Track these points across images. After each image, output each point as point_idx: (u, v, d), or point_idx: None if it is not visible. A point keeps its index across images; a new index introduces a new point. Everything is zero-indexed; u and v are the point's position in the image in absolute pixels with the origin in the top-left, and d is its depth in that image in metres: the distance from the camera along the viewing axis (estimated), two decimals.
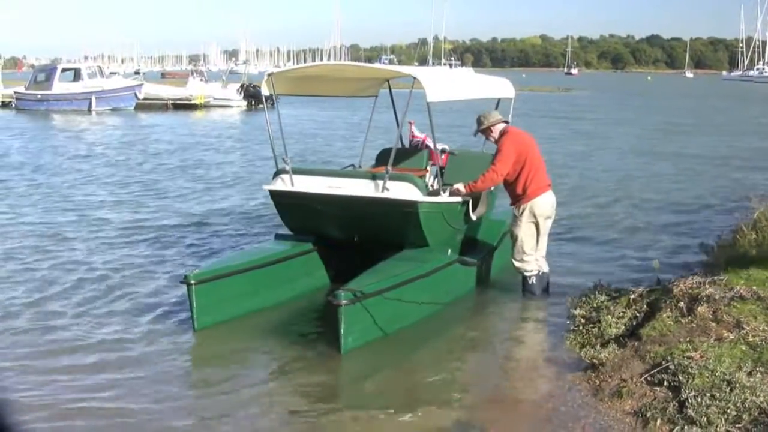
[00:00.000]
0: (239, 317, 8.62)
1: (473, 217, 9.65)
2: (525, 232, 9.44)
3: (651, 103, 62.51)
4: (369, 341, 7.81)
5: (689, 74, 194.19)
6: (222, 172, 21.33)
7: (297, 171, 9.26)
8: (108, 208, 15.46)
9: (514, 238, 9.56)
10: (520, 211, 9.42)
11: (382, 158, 10.76)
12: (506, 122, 9.69)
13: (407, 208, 8.68)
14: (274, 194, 9.42)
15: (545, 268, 9.74)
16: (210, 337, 8.30)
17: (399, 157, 10.10)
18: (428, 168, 10.63)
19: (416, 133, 11.42)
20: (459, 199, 9.33)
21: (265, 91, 9.73)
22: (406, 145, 11.38)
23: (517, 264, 9.58)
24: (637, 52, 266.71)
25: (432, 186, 9.63)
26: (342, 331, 7.49)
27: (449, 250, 9.26)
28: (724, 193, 17.91)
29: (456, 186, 9.31)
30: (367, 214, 8.88)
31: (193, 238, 12.81)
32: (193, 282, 8.12)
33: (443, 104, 9.41)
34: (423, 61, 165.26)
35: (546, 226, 9.59)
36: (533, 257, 9.54)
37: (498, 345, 8.39)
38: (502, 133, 9.48)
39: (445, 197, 9.20)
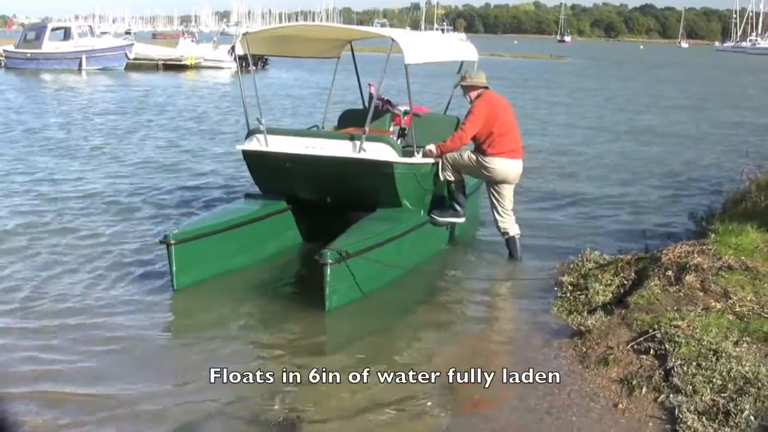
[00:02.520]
0: (217, 276, 8.65)
1: (441, 178, 9.73)
2: (464, 163, 9.62)
3: (645, 74, 62.34)
4: (352, 299, 7.92)
5: (684, 44, 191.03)
6: (208, 132, 21.26)
7: (271, 131, 9.30)
8: (90, 167, 15.45)
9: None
10: (476, 157, 9.55)
11: (344, 119, 11.10)
12: (486, 88, 9.70)
13: (383, 168, 8.84)
14: (247, 155, 9.48)
15: (516, 231, 9.88)
16: (190, 297, 8.31)
17: (362, 118, 10.24)
18: (391, 129, 10.75)
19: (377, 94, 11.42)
20: (431, 160, 9.47)
21: (239, 50, 9.74)
22: (368, 107, 11.30)
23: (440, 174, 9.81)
24: (630, 21, 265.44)
25: None
26: (327, 290, 7.59)
27: (422, 211, 9.39)
28: (715, 164, 17.94)
29: (428, 147, 9.42)
30: (343, 174, 8.98)
31: (171, 199, 12.82)
32: (173, 242, 8.13)
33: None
34: (415, 26, 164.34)
35: (505, 189, 9.74)
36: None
37: (483, 310, 8.38)
38: (478, 96, 9.55)
39: (418, 158, 9.31)
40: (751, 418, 5.35)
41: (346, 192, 9.25)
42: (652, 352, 6.44)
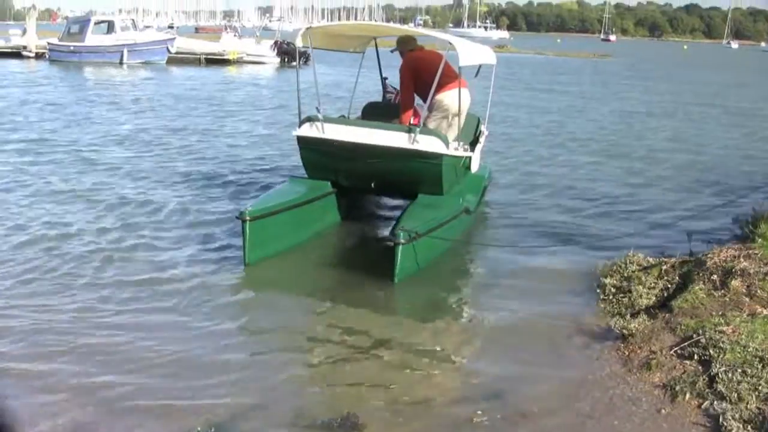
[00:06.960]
0: (279, 253, 9.28)
1: (473, 170, 10.96)
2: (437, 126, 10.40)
3: (692, 76, 61.65)
4: (410, 275, 8.58)
5: (734, 45, 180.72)
6: (251, 124, 21.60)
7: (327, 120, 9.99)
8: (148, 155, 15.73)
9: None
10: (427, 108, 10.21)
11: (368, 111, 12.00)
12: (412, 50, 10.67)
13: (434, 159, 9.60)
14: (303, 140, 10.07)
15: None
16: (261, 271, 8.88)
17: (386, 112, 11.31)
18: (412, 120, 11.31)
19: (390, 87, 12.61)
20: (471, 153, 10.53)
21: (299, 42, 10.53)
22: (385, 102, 12.59)
23: None
24: (675, 20, 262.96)
25: None
26: (397, 265, 8.35)
27: (461, 199, 10.22)
28: (762, 167, 17.66)
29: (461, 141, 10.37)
30: (395, 163, 9.67)
31: (217, 184, 13.34)
32: (248, 218, 8.71)
33: None
34: (458, 23, 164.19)
35: (455, 120, 10.49)
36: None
37: (523, 310, 8.17)
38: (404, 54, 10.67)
39: (461, 151, 10.25)
40: None
41: (392, 179, 10.01)
42: (696, 357, 6.35)
